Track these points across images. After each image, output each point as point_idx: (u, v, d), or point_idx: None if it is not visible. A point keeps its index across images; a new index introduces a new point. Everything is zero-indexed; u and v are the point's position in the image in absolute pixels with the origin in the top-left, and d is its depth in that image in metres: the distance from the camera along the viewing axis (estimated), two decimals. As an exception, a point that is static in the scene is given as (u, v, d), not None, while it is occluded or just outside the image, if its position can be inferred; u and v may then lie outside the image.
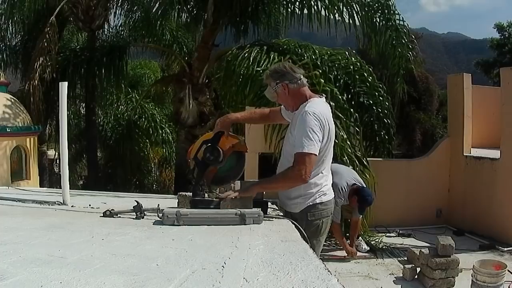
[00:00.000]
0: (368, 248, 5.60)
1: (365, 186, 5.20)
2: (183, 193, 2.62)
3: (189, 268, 1.42)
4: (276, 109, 2.71)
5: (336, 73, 6.90)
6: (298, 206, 2.44)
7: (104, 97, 11.74)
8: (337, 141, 5.04)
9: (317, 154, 2.26)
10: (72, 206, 2.80)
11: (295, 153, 2.27)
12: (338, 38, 7.44)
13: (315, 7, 6.99)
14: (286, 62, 2.89)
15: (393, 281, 4.63)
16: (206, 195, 2.40)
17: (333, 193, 2.57)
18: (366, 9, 7.08)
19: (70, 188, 2.96)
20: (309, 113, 2.29)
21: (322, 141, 2.30)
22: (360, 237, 5.70)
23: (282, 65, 2.54)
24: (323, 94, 2.55)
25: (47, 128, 10.02)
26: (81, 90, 10.01)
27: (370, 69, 7.39)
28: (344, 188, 4.91)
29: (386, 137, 7.48)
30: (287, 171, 2.32)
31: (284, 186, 2.44)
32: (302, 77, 2.43)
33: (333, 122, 2.48)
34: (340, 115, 5.61)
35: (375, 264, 5.17)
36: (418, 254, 4.68)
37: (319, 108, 2.35)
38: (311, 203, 2.42)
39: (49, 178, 12.32)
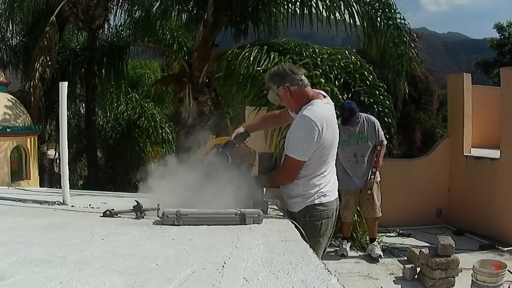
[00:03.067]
0: (381, 254, 5.28)
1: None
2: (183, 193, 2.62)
3: (189, 268, 1.42)
4: (285, 109, 2.72)
5: (336, 72, 6.89)
6: (297, 206, 2.44)
7: (104, 97, 11.75)
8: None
9: (305, 160, 2.33)
10: (72, 206, 2.79)
11: (285, 154, 2.41)
12: (338, 38, 7.45)
13: (316, 7, 7.00)
14: (286, 64, 2.88)
15: (393, 281, 4.62)
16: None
17: (336, 194, 2.56)
18: (367, 8, 7.08)
19: (70, 188, 2.96)
20: (305, 117, 2.30)
21: (320, 145, 2.32)
22: (375, 241, 5.40)
23: (281, 67, 2.52)
24: (325, 95, 2.53)
25: (47, 128, 10.02)
26: (81, 90, 10.02)
27: (371, 68, 7.40)
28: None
29: (387, 136, 7.47)
30: (276, 171, 2.55)
31: (275, 183, 2.56)
32: (303, 77, 2.42)
33: (336, 124, 2.48)
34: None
35: (375, 264, 5.17)
36: (418, 254, 4.68)
37: (319, 111, 2.34)
38: (309, 204, 2.42)
39: (49, 178, 12.34)
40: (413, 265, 4.71)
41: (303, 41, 7.42)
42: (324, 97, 2.47)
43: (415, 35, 8.05)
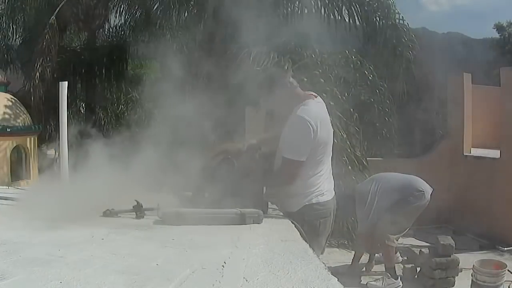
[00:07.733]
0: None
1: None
2: (183, 193, 2.62)
3: (189, 268, 1.42)
4: None
5: (336, 72, 6.90)
6: (295, 206, 2.44)
7: (104, 97, 11.73)
8: (336, 141, 5.00)
9: (303, 160, 2.31)
10: (72, 206, 2.79)
11: (282, 156, 2.36)
12: (338, 38, 7.44)
13: (315, 7, 7.01)
14: (273, 69, 2.92)
15: (393, 281, 4.61)
16: (206, 195, 2.41)
17: (333, 193, 2.56)
18: (366, 8, 7.09)
19: (70, 188, 2.96)
20: (299, 117, 2.30)
21: (315, 145, 2.32)
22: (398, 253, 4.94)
23: (269, 73, 2.60)
24: (316, 95, 2.54)
25: (47, 128, 10.01)
26: (81, 90, 10.02)
27: (371, 67, 7.40)
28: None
29: (388, 135, 7.48)
30: (276, 174, 2.46)
31: (276, 185, 2.52)
32: (291, 79, 2.44)
33: (330, 123, 2.48)
34: (340, 115, 5.61)
35: (375, 264, 5.16)
36: (418, 254, 4.68)
37: (313, 110, 2.35)
38: (307, 203, 2.42)
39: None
40: (413, 265, 4.71)
41: (303, 42, 7.42)
42: (315, 97, 2.48)
43: (413, 35, 8.06)
